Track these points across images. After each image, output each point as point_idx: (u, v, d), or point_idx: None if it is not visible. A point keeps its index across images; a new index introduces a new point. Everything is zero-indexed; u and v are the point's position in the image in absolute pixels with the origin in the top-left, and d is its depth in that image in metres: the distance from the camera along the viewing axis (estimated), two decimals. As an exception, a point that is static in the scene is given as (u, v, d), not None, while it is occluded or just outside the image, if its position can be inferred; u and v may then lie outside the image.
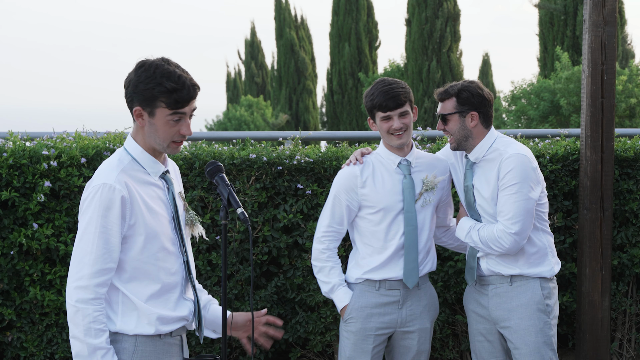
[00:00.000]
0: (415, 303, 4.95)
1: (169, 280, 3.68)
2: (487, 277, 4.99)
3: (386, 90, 4.79)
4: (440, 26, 30.97)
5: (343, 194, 4.90)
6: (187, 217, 3.83)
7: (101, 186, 3.57)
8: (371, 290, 4.90)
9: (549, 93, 24.13)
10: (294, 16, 40.10)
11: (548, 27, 27.64)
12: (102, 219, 3.55)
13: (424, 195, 4.91)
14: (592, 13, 6.32)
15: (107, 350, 3.53)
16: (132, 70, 3.64)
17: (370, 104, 4.85)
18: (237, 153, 6.37)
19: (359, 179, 4.88)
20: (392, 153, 4.92)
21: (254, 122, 38.78)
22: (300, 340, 6.54)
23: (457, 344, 6.67)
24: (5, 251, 6.03)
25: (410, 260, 4.86)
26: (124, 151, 3.71)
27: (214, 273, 6.28)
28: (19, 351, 6.16)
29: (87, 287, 3.52)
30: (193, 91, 3.64)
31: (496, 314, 4.96)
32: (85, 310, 3.51)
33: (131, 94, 3.62)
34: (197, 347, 6.30)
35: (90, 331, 3.51)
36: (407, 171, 4.90)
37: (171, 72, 3.59)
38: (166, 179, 3.74)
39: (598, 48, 6.32)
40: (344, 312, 4.92)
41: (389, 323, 4.91)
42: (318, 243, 4.97)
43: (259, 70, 44.64)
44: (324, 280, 4.95)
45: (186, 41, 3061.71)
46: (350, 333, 4.92)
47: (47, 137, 6.37)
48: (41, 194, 5.97)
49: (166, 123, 3.62)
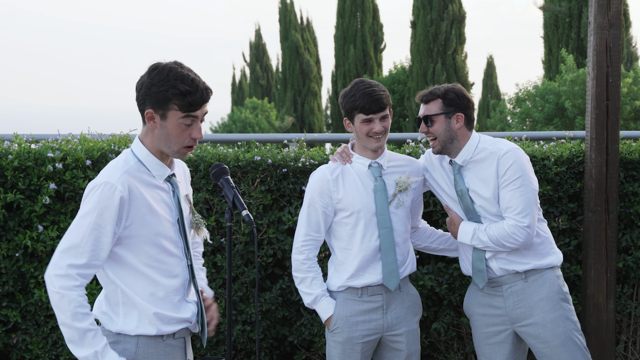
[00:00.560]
0: (399, 306, 4.93)
1: (170, 283, 3.68)
2: (499, 278, 4.97)
3: (369, 92, 4.75)
4: (446, 28, 30.99)
5: (318, 200, 4.86)
6: (192, 220, 3.84)
7: (103, 184, 3.59)
8: (354, 298, 4.87)
9: (553, 95, 24.14)
10: (299, 18, 40.15)
11: (553, 30, 27.65)
12: (98, 217, 3.56)
13: (398, 197, 4.88)
14: (597, 15, 6.32)
15: (96, 331, 3.55)
16: (144, 73, 3.66)
17: (351, 105, 4.79)
18: (242, 155, 6.38)
19: (332, 183, 4.84)
20: (362, 156, 4.89)
21: (259, 124, 38.81)
22: (305, 343, 6.53)
23: (461, 346, 6.67)
24: (10, 253, 6.03)
25: (389, 263, 4.83)
26: (130, 153, 3.73)
27: (219, 275, 6.29)
28: (24, 353, 6.17)
29: (70, 275, 3.54)
30: (206, 94, 3.66)
31: (516, 312, 4.93)
32: (69, 295, 3.53)
33: (143, 96, 3.63)
34: (202, 350, 6.31)
35: (77, 315, 3.52)
36: (378, 173, 4.86)
37: (184, 75, 3.61)
38: (172, 182, 3.75)
39: (603, 50, 6.32)
40: (329, 322, 4.89)
41: (375, 329, 4.88)
42: (298, 254, 4.92)
43: (264, 73, 44.69)
44: (307, 291, 4.91)
45: (191, 43, 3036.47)
46: (338, 343, 4.88)
47: (52, 140, 6.38)
48: (46, 196, 5.98)
49: (178, 126, 3.64)
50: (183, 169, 3.91)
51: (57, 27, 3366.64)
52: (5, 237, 6.06)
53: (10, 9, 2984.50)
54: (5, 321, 6.15)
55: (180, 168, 3.88)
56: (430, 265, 6.45)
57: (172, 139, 3.67)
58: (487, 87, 40.33)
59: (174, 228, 3.71)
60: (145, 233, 3.62)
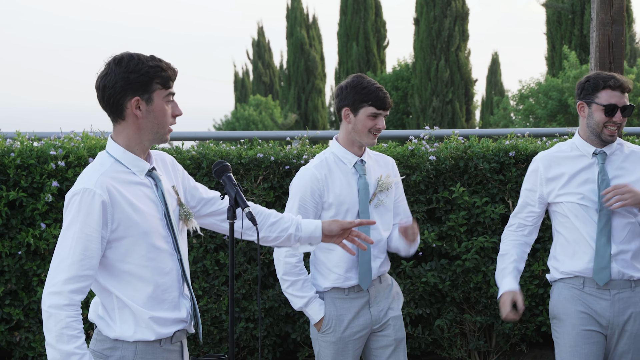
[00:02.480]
0: (382, 297, 4.89)
1: (163, 280, 3.64)
2: (613, 281, 4.78)
3: (379, 88, 4.73)
4: (449, 25, 30.95)
5: (309, 200, 4.78)
6: (180, 212, 3.78)
7: (81, 191, 3.51)
8: (341, 297, 4.83)
9: (557, 92, 24.12)
10: (305, 15, 40.14)
11: (556, 26, 27.61)
12: (81, 225, 3.49)
13: (378, 196, 4.84)
14: (600, 11, 6.31)
15: (82, 355, 3.43)
16: (107, 69, 3.59)
17: (361, 97, 4.73)
18: (244, 153, 6.38)
19: (322, 182, 4.78)
20: (349, 152, 4.83)
21: (262, 121, 38.80)
22: (308, 340, 6.53)
23: (465, 343, 6.66)
24: (13, 251, 6.04)
25: (364, 262, 4.79)
26: (105, 154, 3.66)
27: (222, 273, 6.29)
28: (27, 351, 6.17)
29: (61, 293, 3.45)
30: (173, 67, 3.69)
31: (618, 319, 4.78)
32: (57, 315, 3.43)
33: (122, 87, 3.57)
34: (206, 347, 6.31)
35: (63, 337, 3.42)
36: (363, 171, 4.82)
37: (148, 55, 3.62)
38: (153, 177, 3.69)
39: (605, 47, 6.31)
40: (321, 324, 4.84)
41: (364, 324, 4.84)
42: (290, 257, 4.81)
43: (267, 70, 44.67)
44: (298, 294, 4.82)
45: (195, 41, 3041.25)
46: (330, 343, 4.83)
47: (54, 137, 6.38)
48: (49, 194, 5.98)
49: (164, 106, 3.61)
50: (162, 159, 3.83)
51: (59, 24, 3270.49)
52: (8, 235, 6.06)
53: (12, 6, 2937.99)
54: (8, 319, 6.15)
55: (159, 160, 3.81)
56: (433, 262, 6.45)
57: (161, 122, 3.63)
58: (491, 84, 40.30)
59: (162, 223, 3.65)
60: (133, 233, 3.57)
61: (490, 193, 6.47)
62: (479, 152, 6.49)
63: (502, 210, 6.41)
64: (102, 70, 3.61)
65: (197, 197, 3.90)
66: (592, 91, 4.75)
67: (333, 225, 3.99)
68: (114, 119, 3.64)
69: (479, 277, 6.44)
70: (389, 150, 6.49)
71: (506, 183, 6.52)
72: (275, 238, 3.97)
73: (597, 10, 6.32)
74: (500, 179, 6.51)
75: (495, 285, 6.43)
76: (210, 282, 6.29)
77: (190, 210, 3.80)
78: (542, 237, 6.51)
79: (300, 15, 39.61)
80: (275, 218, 3.98)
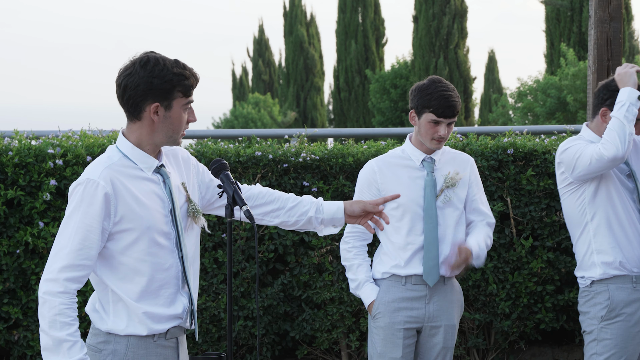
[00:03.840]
0: (442, 299, 4.90)
1: (161, 276, 3.63)
2: None
3: (446, 96, 4.72)
4: (448, 23, 30.95)
5: (366, 192, 4.89)
6: (189, 208, 3.77)
7: (85, 182, 3.53)
8: (397, 285, 4.86)
9: (555, 89, 24.12)
10: (304, 13, 40.13)
11: (554, 23, 27.60)
12: (82, 215, 3.50)
13: (445, 192, 4.87)
14: (598, 9, 6.31)
15: (74, 342, 3.44)
16: (132, 68, 3.59)
17: (424, 103, 4.76)
18: (242, 151, 6.37)
19: (378, 175, 4.86)
20: (417, 149, 4.89)
21: (261, 119, 38.79)
22: (307, 338, 6.53)
23: (463, 340, 6.66)
24: (11, 250, 6.04)
25: (430, 258, 4.81)
26: (114, 148, 3.67)
27: (220, 271, 6.28)
28: (25, 350, 6.17)
29: (56, 280, 3.46)
30: (196, 73, 3.68)
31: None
32: (51, 302, 3.44)
33: (144, 91, 3.56)
34: (204, 345, 6.31)
35: (55, 323, 3.43)
36: (430, 169, 4.86)
37: (174, 60, 3.60)
38: (162, 173, 3.69)
39: (604, 44, 6.31)
40: (372, 308, 4.90)
41: (416, 317, 4.86)
42: (343, 244, 4.99)
43: (266, 68, 44.66)
44: (351, 277, 4.95)
45: (194, 39, 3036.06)
46: (380, 329, 4.88)
47: (52, 136, 6.37)
48: (47, 193, 5.97)
49: (181, 113, 3.62)
50: (174, 155, 3.82)
51: (58, 22, 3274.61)
52: (6, 233, 6.06)
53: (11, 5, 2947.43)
54: (7, 318, 6.15)
55: (170, 156, 3.80)
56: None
57: (176, 128, 3.63)
58: (489, 82, 40.29)
59: (166, 220, 3.65)
60: (136, 227, 3.57)
61: (489, 191, 6.46)
62: (477, 150, 6.49)
63: (500, 208, 6.41)
64: (126, 69, 3.60)
65: (212, 189, 3.92)
66: None
67: (355, 206, 4.00)
68: (130, 117, 3.64)
69: (477, 275, 6.44)
70: (387, 148, 6.48)
71: (504, 181, 6.52)
72: (295, 222, 4.00)
73: (596, 8, 6.32)
74: (498, 177, 6.51)
75: (494, 283, 6.43)
76: (209, 281, 6.29)
77: (198, 208, 3.79)
78: (541, 235, 6.51)
79: (300, 14, 39.60)
80: (293, 203, 4.01)
